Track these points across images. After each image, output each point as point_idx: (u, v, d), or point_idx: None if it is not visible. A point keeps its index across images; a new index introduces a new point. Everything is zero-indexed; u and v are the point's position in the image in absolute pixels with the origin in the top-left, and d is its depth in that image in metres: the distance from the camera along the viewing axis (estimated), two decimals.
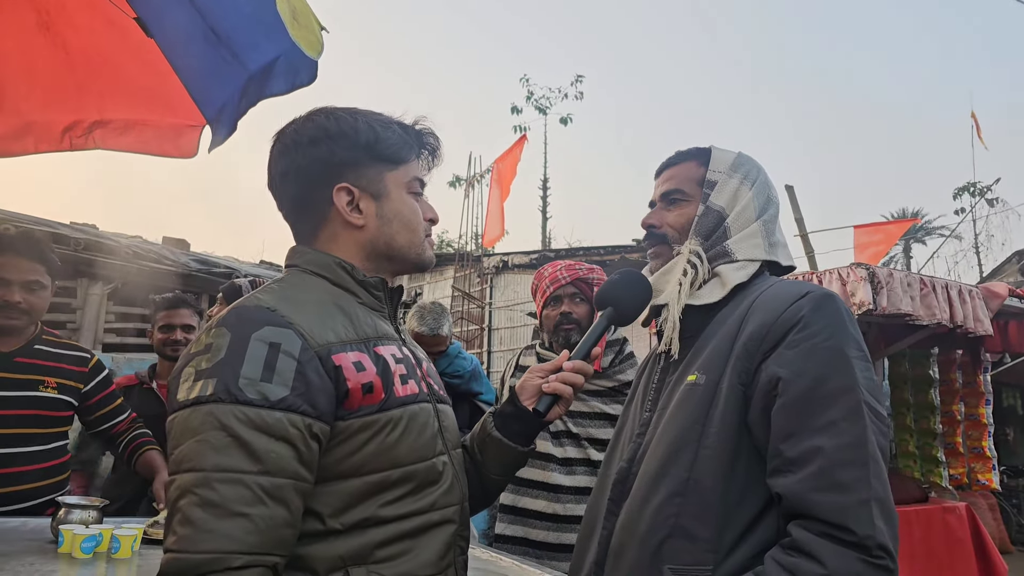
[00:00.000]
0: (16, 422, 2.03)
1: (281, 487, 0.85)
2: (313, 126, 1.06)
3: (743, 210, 1.19)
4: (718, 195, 1.20)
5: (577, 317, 2.14)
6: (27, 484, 2.02)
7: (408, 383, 1.02)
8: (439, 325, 2.68)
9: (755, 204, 1.19)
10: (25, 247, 2.08)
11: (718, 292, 1.16)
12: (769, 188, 1.23)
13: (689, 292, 1.17)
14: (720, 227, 1.19)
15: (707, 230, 1.19)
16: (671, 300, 1.17)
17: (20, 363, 2.08)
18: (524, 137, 9.50)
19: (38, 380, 2.10)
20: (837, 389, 0.97)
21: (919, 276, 3.85)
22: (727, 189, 1.20)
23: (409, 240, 1.09)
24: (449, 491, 1.04)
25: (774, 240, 1.20)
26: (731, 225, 1.18)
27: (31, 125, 2.34)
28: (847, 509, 0.91)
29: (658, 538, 1.03)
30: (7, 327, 2.07)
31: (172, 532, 0.82)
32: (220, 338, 0.89)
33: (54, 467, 2.12)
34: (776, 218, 1.22)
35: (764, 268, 1.20)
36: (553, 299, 2.18)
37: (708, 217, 1.19)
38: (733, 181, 1.21)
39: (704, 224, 1.19)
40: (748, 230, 1.18)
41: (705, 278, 1.17)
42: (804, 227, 10.03)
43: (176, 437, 0.86)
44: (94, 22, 2.14)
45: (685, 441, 1.06)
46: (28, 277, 2.07)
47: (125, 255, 5.08)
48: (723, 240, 1.18)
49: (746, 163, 1.23)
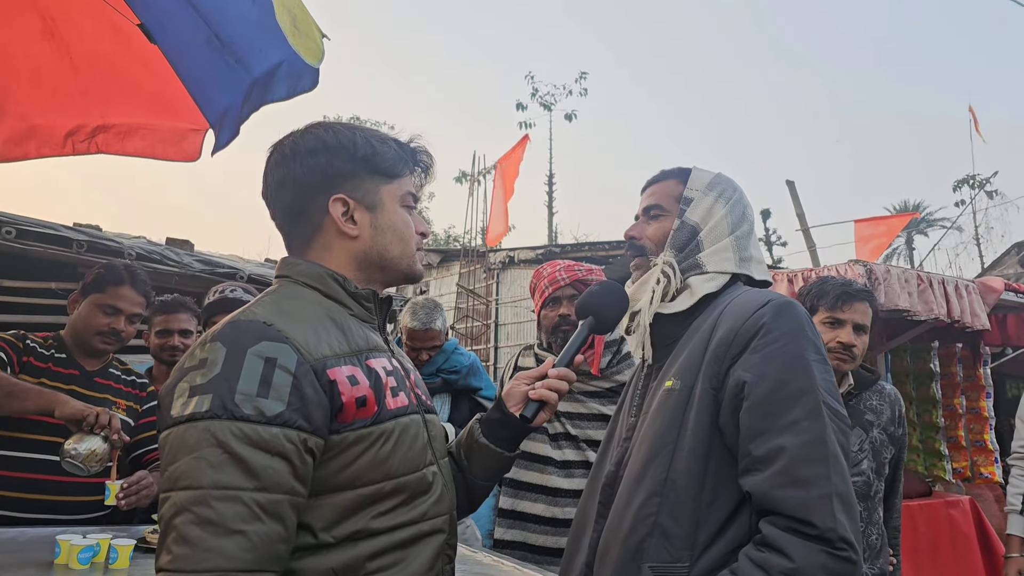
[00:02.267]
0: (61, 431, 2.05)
1: (277, 503, 0.85)
2: (312, 137, 1.08)
3: (716, 225, 1.26)
4: (693, 211, 1.27)
5: (575, 319, 2.13)
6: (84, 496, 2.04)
7: (399, 395, 1.04)
8: (431, 320, 2.68)
9: (728, 220, 1.26)
10: (139, 282, 2.26)
11: (687, 301, 1.22)
12: (744, 207, 1.30)
13: (660, 301, 1.23)
14: (693, 240, 1.25)
15: (681, 243, 1.26)
16: (643, 307, 1.24)
17: (98, 383, 2.18)
18: (526, 137, 9.52)
19: (112, 401, 2.19)
20: (798, 391, 1.04)
21: (916, 272, 3.86)
22: (702, 205, 1.27)
23: (402, 251, 1.11)
24: (439, 501, 1.05)
25: (746, 255, 1.26)
26: (704, 239, 1.25)
27: (34, 129, 2.36)
28: (809, 504, 0.97)
29: (638, 537, 1.08)
30: (101, 350, 2.20)
31: (167, 551, 0.81)
32: (215, 352, 0.89)
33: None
34: (750, 235, 1.29)
35: (737, 280, 1.26)
36: (552, 300, 2.18)
37: (683, 231, 1.26)
38: (708, 198, 1.28)
39: (678, 237, 1.26)
40: (720, 244, 1.25)
41: (678, 287, 1.23)
42: (805, 222, 10.02)
43: (171, 453, 0.85)
44: (98, 28, 2.15)
45: (663, 444, 1.11)
46: (134, 310, 2.23)
47: (128, 256, 5.10)
48: (696, 253, 1.25)
49: (723, 183, 1.30)
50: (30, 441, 2.00)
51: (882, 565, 2.04)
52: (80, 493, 2.03)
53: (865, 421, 2.11)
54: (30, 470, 1.98)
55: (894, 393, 2.23)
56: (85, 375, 2.16)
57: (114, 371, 2.26)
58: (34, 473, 1.99)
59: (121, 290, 2.16)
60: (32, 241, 4.91)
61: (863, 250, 9.12)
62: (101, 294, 2.15)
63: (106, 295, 2.15)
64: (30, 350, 2.08)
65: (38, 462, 1.99)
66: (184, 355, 0.95)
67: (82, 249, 5.03)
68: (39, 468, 1.98)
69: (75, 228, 5.33)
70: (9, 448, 2.00)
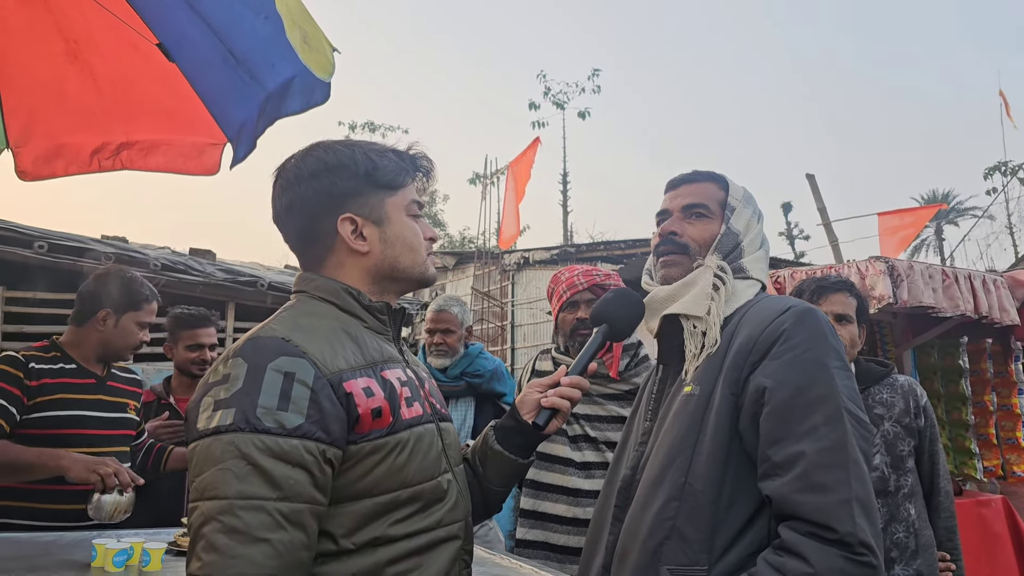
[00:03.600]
0: (106, 441, 2.16)
1: (299, 512, 0.89)
2: (313, 160, 1.10)
3: (754, 238, 1.30)
4: (737, 220, 1.30)
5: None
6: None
7: (413, 405, 1.06)
8: (448, 305, 2.80)
9: (761, 236, 1.32)
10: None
11: (731, 305, 1.23)
12: (762, 225, 1.36)
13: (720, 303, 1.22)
14: (737, 248, 1.28)
15: (727, 249, 1.27)
16: (706, 318, 1.20)
17: (112, 387, 2.27)
18: (537, 140, 9.52)
19: (124, 403, 2.30)
20: (818, 397, 1.04)
21: (941, 267, 3.79)
22: (744, 216, 1.31)
23: (412, 260, 1.14)
24: (454, 508, 1.08)
25: (765, 266, 1.31)
26: (745, 247, 1.28)
27: (62, 148, 2.44)
28: (829, 509, 0.97)
29: (657, 540, 1.09)
30: (125, 359, 2.37)
31: (197, 558, 0.85)
32: (237, 368, 0.93)
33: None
34: (768, 253, 1.35)
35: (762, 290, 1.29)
36: (570, 304, 2.20)
37: (728, 237, 1.28)
38: (748, 210, 1.32)
39: (725, 243, 1.28)
40: (757, 254, 1.29)
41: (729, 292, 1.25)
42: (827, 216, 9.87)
43: (198, 465, 0.90)
44: (119, 49, 2.22)
45: (681, 448, 1.12)
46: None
47: (154, 267, 5.22)
48: (739, 258, 1.27)
49: (753, 200, 1.36)
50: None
51: (920, 566, 1.96)
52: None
53: (874, 415, 2.06)
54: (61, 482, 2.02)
55: (908, 384, 2.17)
56: (100, 381, 2.23)
57: (116, 372, 2.33)
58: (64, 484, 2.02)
59: (152, 306, 2.32)
60: (62, 254, 5.05)
61: (888, 243, 8.94)
62: (138, 312, 2.26)
63: (142, 312, 2.27)
64: (39, 372, 2.08)
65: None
66: (208, 370, 0.99)
67: (110, 261, 5.16)
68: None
69: (103, 241, 5.47)
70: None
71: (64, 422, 2.09)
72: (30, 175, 2.43)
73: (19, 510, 2.04)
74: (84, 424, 2.13)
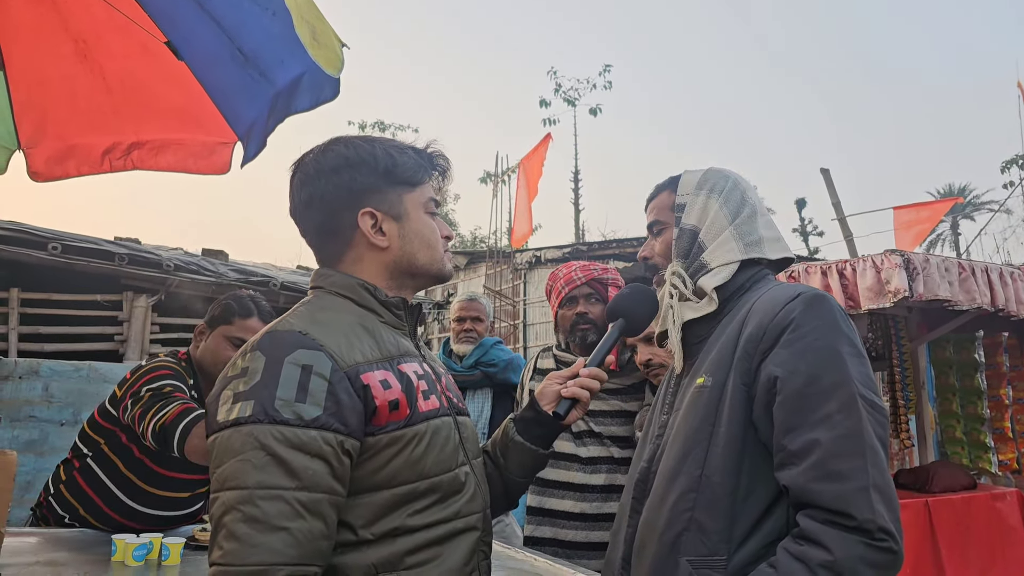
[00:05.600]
0: (182, 486, 2.07)
1: (318, 501, 0.90)
2: (333, 155, 1.11)
3: (713, 221, 1.26)
4: (688, 215, 1.28)
5: (593, 317, 2.17)
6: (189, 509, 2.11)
7: (430, 398, 1.07)
8: (477, 296, 2.99)
9: (724, 212, 1.26)
10: (265, 313, 2.25)
11: (708, 306, 1.23)
12: (741, 192, 1.28)
13: (681, 311, 1.24)
14: (695, 243, 1.26)
15: (684, 250, 1.27)
16: (668, 325, 1.26)
17: None
18: (548, 136, 9.48)
19: None
20: (831, 385, 1.03)
21: (957, 260, 3.74)
22: (696, 207, 1.28)
23: (430, 257, 1.15)
24: (472, 499, 1.09)
25: (753, 239, 1.25)
26: (704, 238, 1.26)
27: (73, 149, 2.45)
28: (846, 496, 0.97)
29: (675, 532, 1.09)
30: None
31: (218, 547, 0.87)
32: (255, 361, 0.94)
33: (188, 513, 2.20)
34: (753, 218, 1.26)
35: (759, 268, 1.25)
36: (568, 300, 2.22)
37: (682, 238, 1.27)
38: (700, 198, 1.28)
39: (680, 245, 1.27)
40: (721, 238, 1.25)
41: (692, 290, 1.25)
42: (842, 211, 9.80)
43: (218, 456, 0.91)
44: (128, 48, 2.22)
45: (697, 440, 1.12)
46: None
47: (167, 268, 5.25)
48: (699, 254, 1.26)
49: (711, 177, 1.30)
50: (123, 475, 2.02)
51: None
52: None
53: None
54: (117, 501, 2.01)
55: None
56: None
57: None
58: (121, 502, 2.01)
59: (249, 322, 2.13)
60: (76, 255, 5.09)
61: (904, 238, 8.85)
62: (229, 326, 2.13)
63: (234, 327, 2.12)
64: (191, 386, 2.07)
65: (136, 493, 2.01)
66: (227, 364, 1.00)
67: (123, 262, 5.20)
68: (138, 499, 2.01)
69: (116, 242, 5.51)
70: (105, 471, 2.03)
71: (157, 456, 2.00)
72: (42, 176, 2.45)
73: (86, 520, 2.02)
74: (171, 465, 2.03)
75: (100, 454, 2.04)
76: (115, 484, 2.01)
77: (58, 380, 4.60)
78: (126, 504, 2.01)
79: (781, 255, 1.27)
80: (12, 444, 4.37)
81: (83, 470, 2.05)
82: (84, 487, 2.03)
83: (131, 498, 2.01)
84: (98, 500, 2.01)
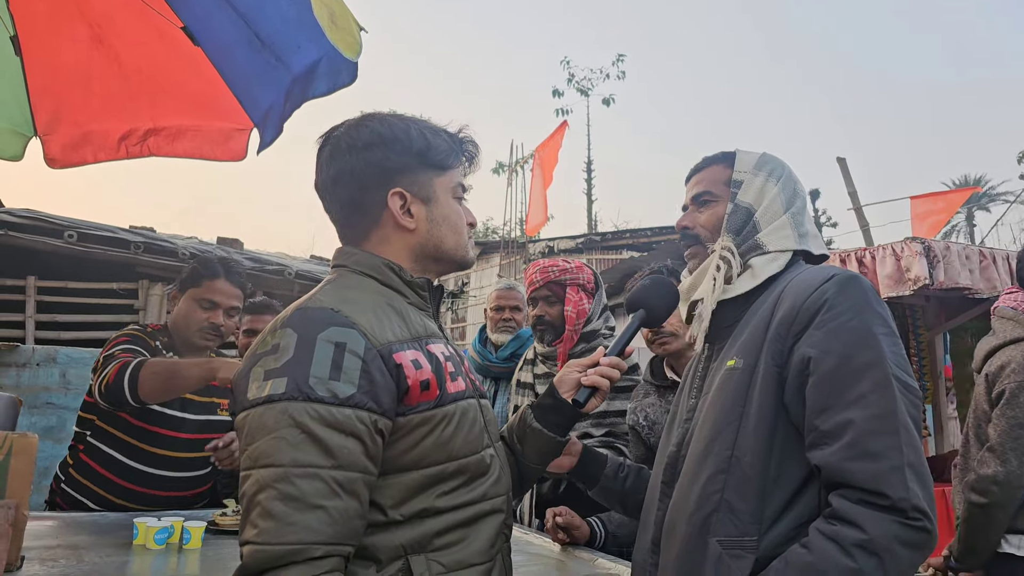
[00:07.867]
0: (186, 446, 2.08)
1: (353, 480, 0.89)
2: (368, 131, 1.09)
3: (770, 204, 1.25)
4: (745, 192, 1.26)
5: (549, 319, 2.20)
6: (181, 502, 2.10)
7: (457, 380, 1.07)
8: (515, 285, 3.02)
9: (782, 198, 1.26)
10: (234, 274, 2.18)
11: (748, 283, 1.22)
12: (795, 183, 1.29)
13: (722, 286, 1.23)
14: (749, 222, 1.25)
15: (737, 226, 1.25)
16: (705, 295, 1.24)
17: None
18: (565, 124, 9.44)
19: (216, 403, 2.16)
20: (864, 364, 1.02)
21: (978, 248, 3.69)
22: (753, 186, 1.26)
23: (456, 242, 1.14)
24: (497, 482, 1.09)
25: (804, 231, 1.26)
26: (760, 219, 1.25)
27: (89, 135, 2.44)
28: (880, 475, 0.96)
29: (704, 513, 1.09)
30: (203, 347, 2.16)
31: (252, 525, 0.85)
32: (287, 338, 0.93)
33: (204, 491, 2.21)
34: (804, 211, 1.28)
35: (798, 257, 1.26)
36: (531, 300, 2.27)
37: (737, 214, 1.25)
38: (759, 179, 1.27)
39: (734, 221, 1.25)
40: (777, 223, 1.24)
41: (739, 271, 1.23)
42: (858, 200, 9.69)
43: (250, 434, 0.90)
44: (143, 33, 2.21)
45: (727, 421, 1.11)
46: (232, 303, 2.17)
47: (182, 256, 5.27)
48: (754, 234, 1.24)
49: (770, 161, 1.30)
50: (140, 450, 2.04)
51: None
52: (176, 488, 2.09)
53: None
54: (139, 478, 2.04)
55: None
56: None
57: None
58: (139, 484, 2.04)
59: (216, 283, 2.12)
60: (92, 244, 5.12)
61: (920, 228, 8.76)
62: (197, 288, 2.11)
63: (202, 289, 2.10)
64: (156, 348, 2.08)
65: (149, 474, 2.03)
66: (255, 342, 0.99)
67: (139, 250, 5.23)
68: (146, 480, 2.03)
69: (131, 230, 5.54)
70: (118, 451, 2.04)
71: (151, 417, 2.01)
72: (59, 162, 2.45)
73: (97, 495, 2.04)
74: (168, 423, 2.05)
75: (97, 429, 2.06)
76: (120, 452, 2.03)
77: (75, 367, 4.64)
78: (136, 469, 2.03)
79: (821, 251, 1.28)
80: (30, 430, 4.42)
81: (87, 449, 2.07)
82: (92, 464, 2.05)
83: (139, 462, 2.03)
84: (109, 474, 2.03)
